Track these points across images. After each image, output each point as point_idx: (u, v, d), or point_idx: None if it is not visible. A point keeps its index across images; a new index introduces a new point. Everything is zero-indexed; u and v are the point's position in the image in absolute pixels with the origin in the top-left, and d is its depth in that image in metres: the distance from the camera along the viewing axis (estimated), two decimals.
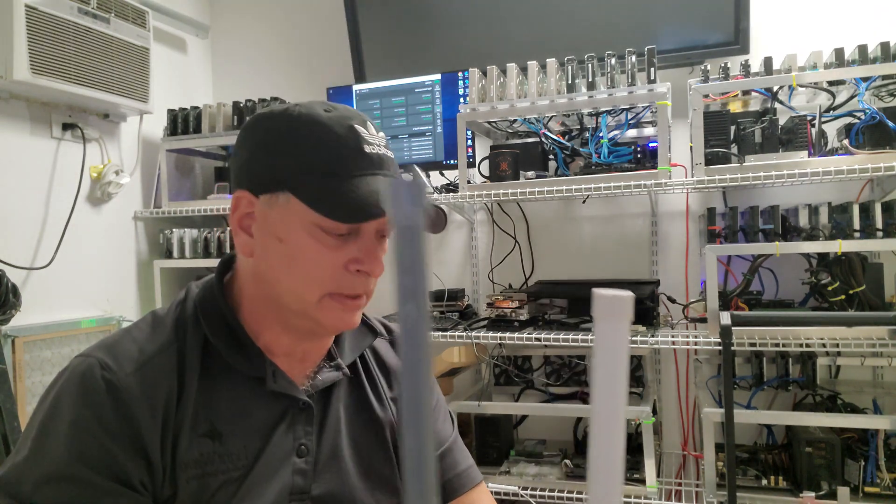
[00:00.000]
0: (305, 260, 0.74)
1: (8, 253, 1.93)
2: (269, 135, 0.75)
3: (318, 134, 0.73)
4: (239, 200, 0.77)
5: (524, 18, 2.28)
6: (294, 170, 0.73)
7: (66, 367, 0.74)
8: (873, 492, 1.71)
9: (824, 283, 1.81)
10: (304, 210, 0.73)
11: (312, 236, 0.73)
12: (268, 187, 0.75)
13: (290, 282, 0.75)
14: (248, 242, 0.77)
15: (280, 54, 2.78)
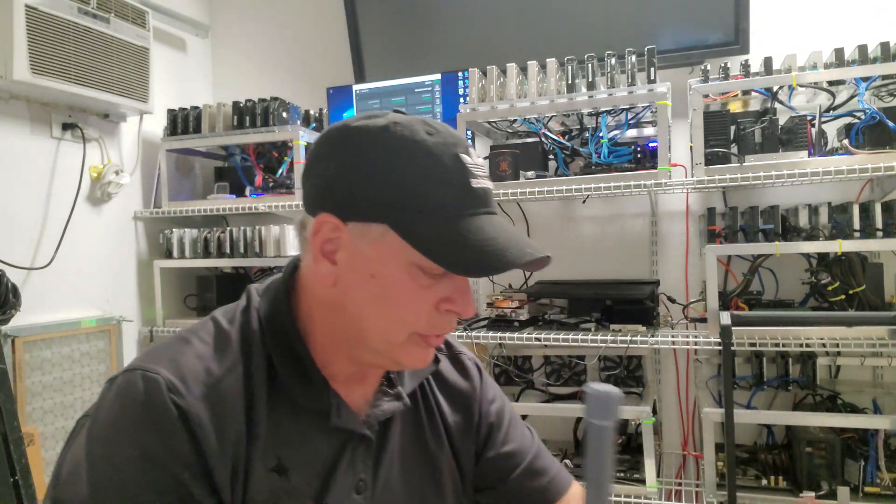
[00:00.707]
0: (398, 299, 0.68)
1: (8, 253, 1.93)
2: (366, 155, 0.67)
3: (425, 164, 0.66)
4: (322, 224, 0.68)
5: (524, 18, 2.28)
6: (396, 202, 0.65)
7: (121, 382, 0.66)
8: (873, 492, 1.71)
9: (824, 283, 1.81)
10: (403, 247, 0.66)
11: (409, 275, 0.67)
12: (361, 215, 0.67)
13: (377, 320, 0.69)
14: (332, 272, 0.69)
15: (280, 54, 2.78)
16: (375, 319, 0.69)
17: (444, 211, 0.66)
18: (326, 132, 0.71)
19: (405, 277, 0.67)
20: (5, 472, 1.58)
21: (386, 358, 0.73)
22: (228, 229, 2.36)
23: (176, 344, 0.70)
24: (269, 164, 2.44)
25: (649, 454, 1.81)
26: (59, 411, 2.04)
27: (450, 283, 0.70)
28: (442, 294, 0.69)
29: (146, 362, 0.67)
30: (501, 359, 2.30)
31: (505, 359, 2.30)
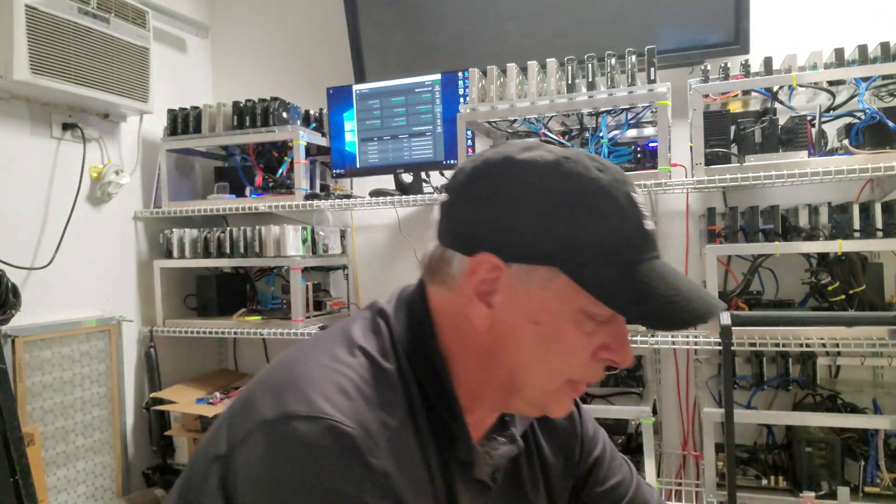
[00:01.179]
0: (561, 347, 0.64)
1: (8, 253, 1.93)
2: (536, 192, 0.62)
3: (600, 203, 0.62)
4: (480, 265, 0.63)
5: (524, 18, 2.28)
6: (568, 243, 0.61)
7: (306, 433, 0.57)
8: (873, 492, 1.71)
9: (824, 283, 1.81)
10: (573, 293, 0.62)
11: (575, 322, 0.63)
12: (526, 257, 0.62)
13: (537, 368, 0.65)
14: (487, 315, 0.64)
15: (280, 54, 2.78)
16: (536, 369, 0.65)
17: (621, 255, 0.61)
18: (485, 163, 0.65)
19: (571, 325, 0.63)
20: (5, 472, 1.58)
21: (535, 407, 0.69)
22: (228, 229, 2.36)
23: (335, 377, 0.62)
24: (269, 164, 2.44)
25: (649, 454, 1.81)
26: (59, 411, 2.04)
27: (610, 330, 0.65)
28: (601, 341, 0.65)
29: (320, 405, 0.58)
30: None
31: None
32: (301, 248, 2.31)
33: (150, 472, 2.32)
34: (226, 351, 2.80)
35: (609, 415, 1.99)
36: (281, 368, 0.65)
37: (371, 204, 2.23)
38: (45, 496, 1.94)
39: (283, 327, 2.23)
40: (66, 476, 2.06)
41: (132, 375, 2.36)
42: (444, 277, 0.68)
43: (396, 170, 2.32)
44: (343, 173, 2.40)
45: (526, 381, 0.66)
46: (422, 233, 2.55)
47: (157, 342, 2.40)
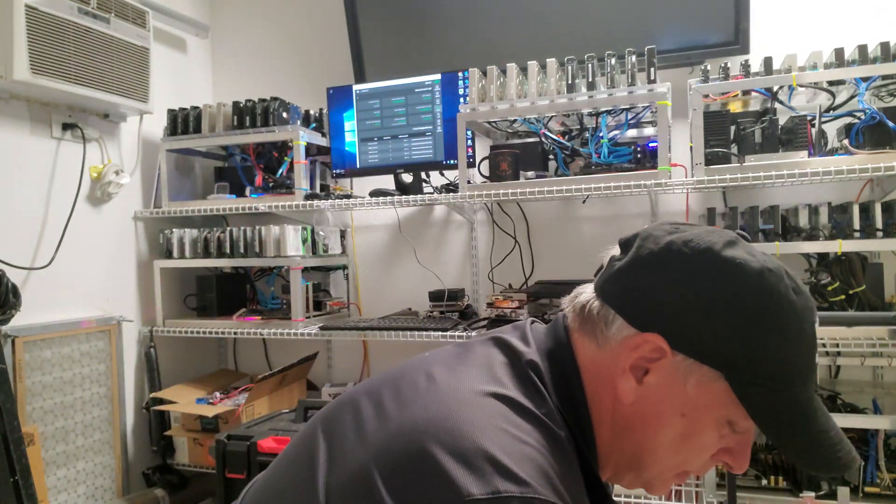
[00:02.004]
0: (694, 444, 0.64)
1: (8, 253, 1.93)
2: (727, 295, 0.61)
3: (789, 328, 0.61)
4: (646, 343, 0.63)
5: (525, 18, 2.28)
6: (744, 357, 0.60)
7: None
8: (873, 492, 1.71)
9: (824, 283, 1.81)
10: (729, 402, 0.61)
11: (717, 425, 0.64)
12: (696, 353, 0.61)
13: (668, 456, 0.66)
14: (633, 391, 0.64)
15: (280, 54, 2.78)
16: (666, 456, 0.66)
17: (790, 383, 0.61)
18: (686, 245, 0.64)
19: (714, 429, 0.64)
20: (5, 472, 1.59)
21: (643, 484, 0.69)
22: (228, 229, 2.36)
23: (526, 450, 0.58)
24: (269, 164, 2.44)
25: None
26: (59, 411, 2.04)
27: (739, 437, 0.65)
28: (725, 444, 0.66)
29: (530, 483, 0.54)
30: None
31: None
32: (301, 248, 2.31)
33: (150, 472, 2.32)
34: (226, 351, 2.80)
35: None
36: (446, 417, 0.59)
37: (371, 204, 2.24)
38: (45, 496, 1.94)
39: (283, 327, 2.23)
40: (66, 476, 2.06)
41: (132, 375, 2.36)
42: (598, 334, 0.67)
43: (396, 170, 2.32)
44: (343, 173, 2.40)
45: (651, 463, 0.66)
46: (422, 233, 2.55)
47: (157, 342, 2.40)
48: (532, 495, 0.54)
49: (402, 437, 0.59)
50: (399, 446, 0.58)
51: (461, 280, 2.49)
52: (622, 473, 0.69)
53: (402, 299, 2.54)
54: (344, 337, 2.24)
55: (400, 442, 0.59)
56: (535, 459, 0.57)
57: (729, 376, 0.61)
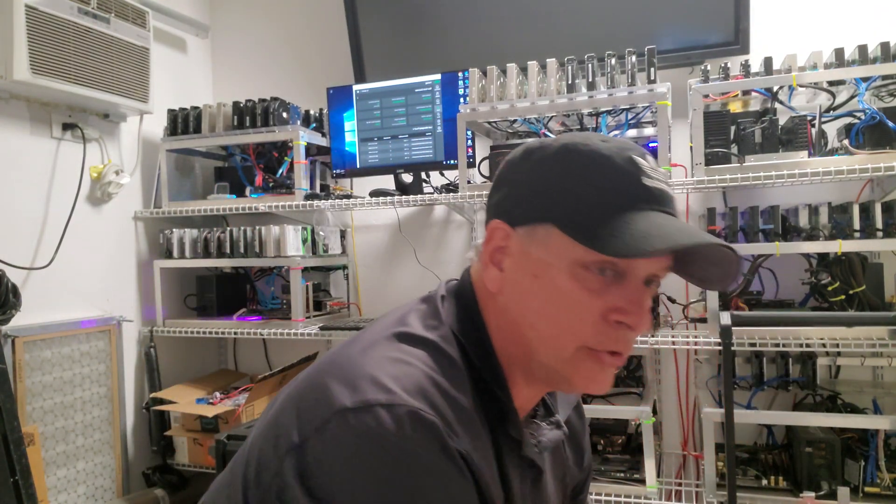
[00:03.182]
0: (561, 303, 0.65)
1: (8, 253, 1.93)
2: (539, 165, 0.68)
3: (595, 164, 0.65)
4: (493, 232, 0.70)
5: (524, 18, 2.28)
6: (562, 200, 0.65)
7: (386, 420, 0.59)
8: (873, 492, 1.71)
9: (824, 283, 1.81)
10: (566, 245, 0.64)
11: (574, 277, 0.65)
12: (528, 218, 0.67)
13: (543, 327, 0.67)
14: (498, 278, 0.69)
15: (280, 54, 2.78)
16: (540, 326, 0.67)
17: (607, 204, 0.64)
18: (514, 154, 0.72)
19: (570, 280, 0.65)
20: (5, 472, 1.58)
21: (557, 375, 0.69)
22: (228, 229, 2.36)
23: (407, 369, 0.63)
24: (269, 164, 2.44)
25: (649, 454, 1.81)
26: (59, 411, 2.04)
27: (621, 292, 0.65)
28: (612, 303, 0.65)
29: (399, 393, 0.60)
30: None
31: None
32: (301, 248, 2.31)
33: (150, 472, 2.32)
34: (226, 351, 2.80)
35: (609, 415, 1.99)
36: (347, 359, 0.66)
37: (371, 204, 2.23)
38: (45, 496, 1.94)
39: (283, 327, 2.23)
40: (66, 476, 2.06)
41: (132, 375, 2.36)
42: (478, 252, 0.74)
43: (396, 170, 2.32)
44: (343, 173, 2.40)
45: (534, 340, 0.68)
46: (422, 233, 2.55)
47: (157, 342, 2.40)
48: (397, 402, 0.59)
49: (308, 378, 0.67)
50: (304, 384, 0.66)
51: None
52: (532, 376, 0.70)
53: (402, 299, 2.52)
54: (344, 337, 2.24)
55: (306, 381, 0.66)
56: (411, 375, 0.62)
57: (556, 223, 0.65)
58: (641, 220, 0.63)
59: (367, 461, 0.58)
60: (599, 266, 0.64)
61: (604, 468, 1.92)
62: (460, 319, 0.71)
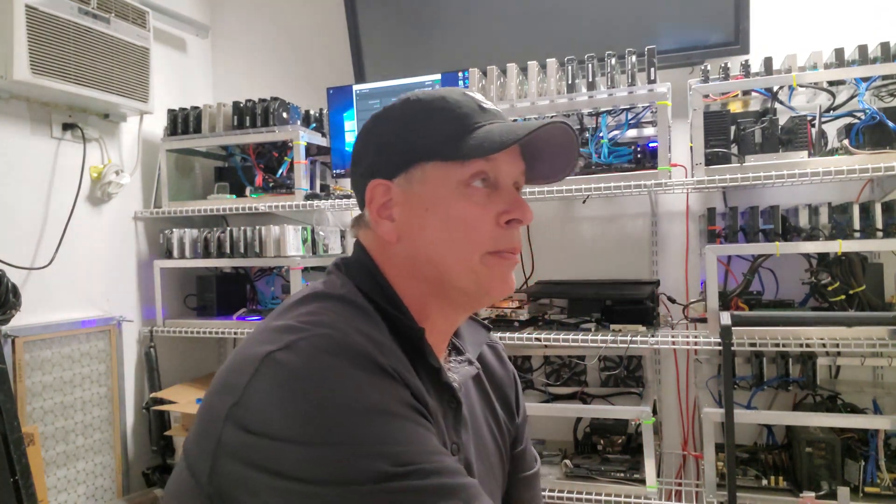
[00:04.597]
0: (458, 221, 0.73)
1: (8, 253, 1.93)
2: (395, 121, 0.77)
3: (440, 104, 0.75)
4: (374, 190, 0.76)
5: (525, 18, 2.28)
6: (424, 139, 0.74)
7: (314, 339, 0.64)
8: (873, 492, 1.71)
9: (824, 283, 1.81)
10: (442, 172, 0.73)
11: (461, 196, 0.73)
12: (400, 166, 0.75)
13: (450, 250, 0.74)
14: (393, 228, 0.76)
15: (280, 54, 2.78)
16: (448, 250, 0.73)
17: (461, 125, 0.73)
18: (365, 122, 0.80)
19: (458, 200, 0.73)
20: (5, 472, 1.58)
21: (473, 290, 0.75)
22: (228, 229, 2.36)
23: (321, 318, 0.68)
24: (269, 164, 2.44)
25: (649, 454, 1.81)
26: (59, 411, 2.04)
27: (502, 198, 0.75)
28: (498, 208, 0.74)
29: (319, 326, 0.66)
30: None
31: None
32: (301, 248, 2.31)
33: (150, 472, 2.32)
34: (226, 351, 2.80)
35: (609, 415, 1.99)
36: (260, 331, 0.70)
37: None
38: (45, 496, 1.94)
39: None
40: (66, 476, 2.06)
41: (132, 375, 2.36)
42: (362, 221, 0.81)
43: None
44: (343, 173, 2.40)
45: (446, 265, 0.74)
46: None
47: (157, 342, 2.40)
48: (316, 332, 0.65)
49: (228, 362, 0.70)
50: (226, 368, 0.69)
51: None
52: (447, 300, 0.77)
53: None
54: None
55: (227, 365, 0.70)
56: (323, 318, 0.68)
57: (426, 159, 0.74)
58: (493, 127, 0.73)
59: (297, 387, 0.61)
60: (477, 178, 0.73)
61: (604, 468, 1.92)
62: (360, 275, 0.77)
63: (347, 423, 0.60)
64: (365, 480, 0.58)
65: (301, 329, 0.66)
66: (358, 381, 0.62)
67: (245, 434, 0.61)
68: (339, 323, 0.67)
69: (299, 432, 0.59)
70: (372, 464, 0.58)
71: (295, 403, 0.60)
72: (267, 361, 0.63)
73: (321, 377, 0.61)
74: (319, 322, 0.67)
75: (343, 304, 0.72)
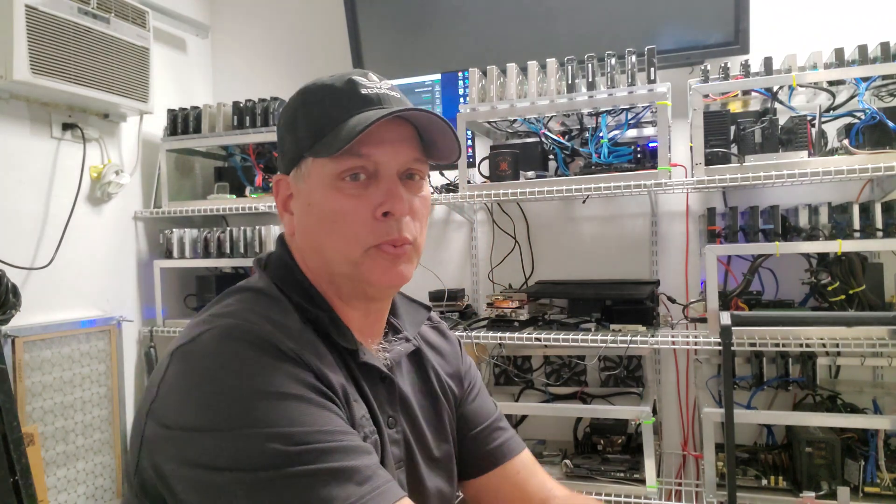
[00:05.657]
0: (335, 216, 0.75)
1: (8, 253, 1.93)
2: (287, 113, 0.80)
3: (320, 95, 0.77)
4: (277, 185, 0.81)
5: (524, 18, 2.28)
6: (306, 135, 0.76)
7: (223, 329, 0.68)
8: (873, 492, 1.71)
9: (824, 283, 1.81)
10: (319, 168, 0.75)
11: (335, 189, 0.74)
12: (291, 162, 0.78)
13: (330, 243, 0.76)
14: (291, 221, 0.80)
15: (280, 54, 2.78)
16: (329, 243, 0.76)
17: (333, 118, 0.75)
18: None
19: (333, 193, 0.74)
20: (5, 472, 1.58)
21: (357, 281, 0.77)
22: (228, 229, 2.36)
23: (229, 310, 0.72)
24: (269, 164, 2.44)
25: (649, 454, 1.81)
26: (59, 411, 2.04)
27: (378, 190, 0.75)
28: (374, 201, 0.75)
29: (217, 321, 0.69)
30: (501, 359, 2.30)
31: (505, 359, 2.30)
32: None
33: None
34: None
35: (609, 415, 1.99)
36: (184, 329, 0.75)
37: None
38: (45, 496, 1.94)
39: None
40: (66, 476, 2.06)
41: (132, 375, 2.36)
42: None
43: None
44: None
45: (328, 257, 0.77)
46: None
47: (157, 342, 2.40)
48: (218, 324, 0.68)
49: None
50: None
51: (461, 280, 2.49)
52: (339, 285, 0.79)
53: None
54: None
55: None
56: (232, 310, 0.72)
57: (307, 153, 0.76)
58: (358, 118, 0.73)
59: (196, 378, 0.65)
60: (350, 173, 0.74)
61: (604, 468, 1.92)
62: (276, 268, 0.81)
63: (244, 408, 0.62)
64: (259, 464, 0.60)
65: (208, 321, 0.70)
66: (257, 365, 0.65)
67: (160, 428, 0.65)
68: (246, 313, 0.71)
69: (202, 421, 0.62)
70: (266, 445, 0.60)
71: (195, 393, 0.64)
72: (175, 356, 0.68)
73: (219, 366, 0.65)
74: (227, 314, 0.71)
75: (256, 296, 0.76)
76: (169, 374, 0.67)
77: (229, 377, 0.64)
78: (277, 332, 0.69)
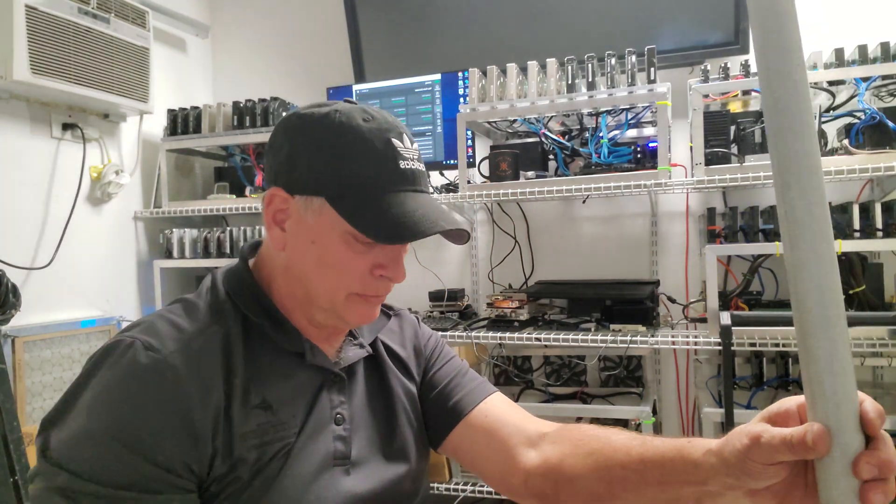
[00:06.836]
0: (336, 263, 0.78)
1: (8, 253, 1.93)
2: (311, 140, 0.77)
3: (358, 147, 0.76)
4: (273, 197, 0.79)
5: (525, 18, 2.28)
6: (332, 180, 0.76)
7: (101, 352, 0.73)
8: None
9: None
10: (337, 218, 0.75)
11: (344, 242, 0.77)
12: (304, 190, 0.77)
13: (320, 282, 0.79)
14: (281, 237, 0.80)
15: (280, 54, 2.78)
16: (318, 281, 0.79)
17: (370, 187, 0.76)
18: (281, 119, 0.82)
19: (341, 245, 0.77)
20: (5, 472, 1.59)
21: (333, 316, 0.81)
22: (228, 229, 2.36)
23: (149, 319, 0.78)
24: None
25: None
26: None
27: (383, 252, 0.79)
28: (376, 261, 0.79)
29: (122, 333, 0.75)
30: (501, 359, 2.30)
31: (505, 359, 2.30)
32: None
33: None
34: None
35: (609, 415, 1.99)
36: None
37: None
38: None
39: None
40: None
41: None
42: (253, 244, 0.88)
43: None
44: None
45: (313, 291, 0.80)
46: None
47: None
48: (121, 338, 0.73)
49: None
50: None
51: (461, 280, 2.49)
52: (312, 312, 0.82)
53: (402, 299, 2.53)
54: None
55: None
56: (154, 324, 0.75)
57: (327, 198, 0.76)
58: (397, 205, 0.75)
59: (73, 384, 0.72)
60: (366, 238, 0.76)
61: None
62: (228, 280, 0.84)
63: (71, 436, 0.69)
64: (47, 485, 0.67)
65: (123, 331, 0.76)
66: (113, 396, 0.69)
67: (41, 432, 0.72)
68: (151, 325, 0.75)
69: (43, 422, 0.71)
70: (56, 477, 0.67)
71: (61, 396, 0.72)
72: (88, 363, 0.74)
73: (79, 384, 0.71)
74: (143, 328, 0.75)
75: (183, 307, 0.80)
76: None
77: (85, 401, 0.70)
78: (173, 354, 0.72)
